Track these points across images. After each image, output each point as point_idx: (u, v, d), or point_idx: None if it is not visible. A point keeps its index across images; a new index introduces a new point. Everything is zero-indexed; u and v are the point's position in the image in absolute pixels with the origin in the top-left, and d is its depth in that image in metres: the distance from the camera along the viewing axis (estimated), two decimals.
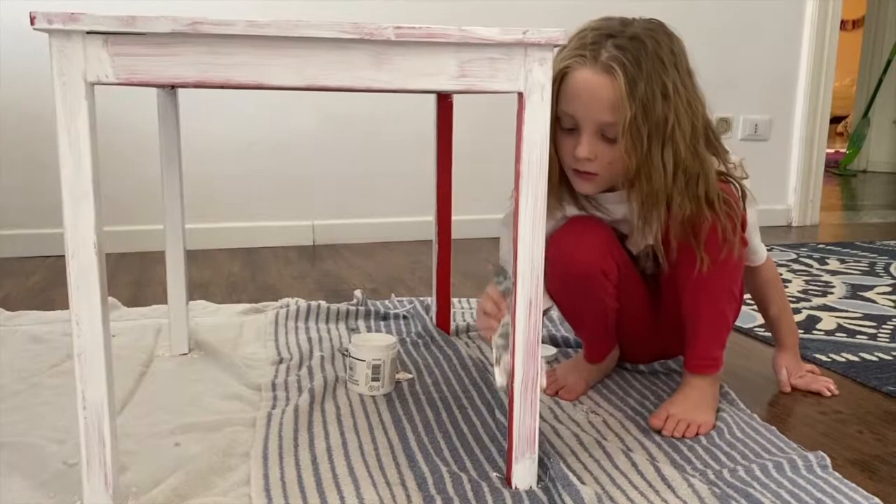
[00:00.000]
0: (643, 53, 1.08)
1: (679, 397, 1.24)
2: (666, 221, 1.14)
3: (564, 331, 1.68)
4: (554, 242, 1.21)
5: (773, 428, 1.20)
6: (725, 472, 1.06)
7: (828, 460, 1.08)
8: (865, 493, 1.00)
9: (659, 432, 1.19)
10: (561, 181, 1.20)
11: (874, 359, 1.55)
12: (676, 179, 1.10)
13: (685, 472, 1.07)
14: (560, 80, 1.11)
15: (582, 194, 1.22)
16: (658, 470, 1.05)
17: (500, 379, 1.04)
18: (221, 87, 0.92)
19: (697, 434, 1.18)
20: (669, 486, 1.02)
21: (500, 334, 1.11)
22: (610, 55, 1.08)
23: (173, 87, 1.43)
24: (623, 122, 1.07)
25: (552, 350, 1.55)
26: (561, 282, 1.24)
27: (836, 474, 1.06)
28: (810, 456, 1.09)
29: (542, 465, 1.04)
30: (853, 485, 1.02)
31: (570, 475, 1.00)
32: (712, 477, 1.05)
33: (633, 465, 1.08)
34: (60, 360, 1.46)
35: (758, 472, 1.06)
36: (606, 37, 1.10)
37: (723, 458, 1.11)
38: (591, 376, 1.37)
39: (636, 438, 1.18)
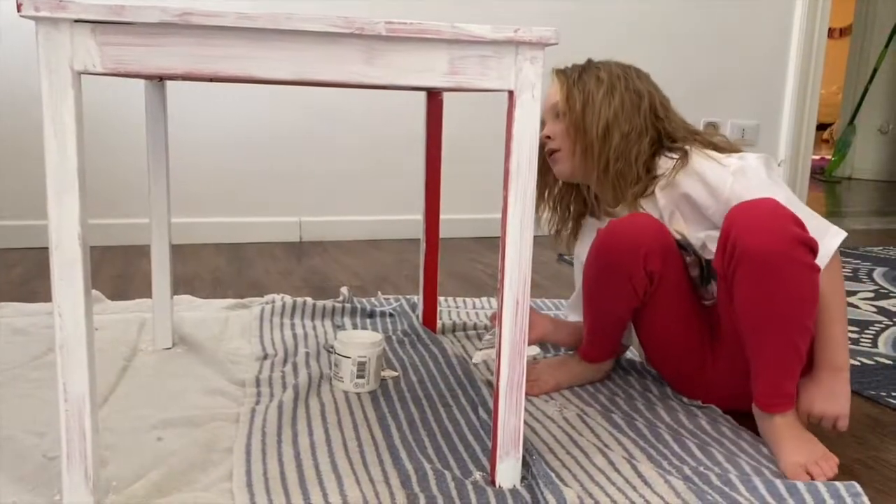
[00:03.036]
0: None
1: (786, 448, 1.10)
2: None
3: None
4: (605, 228, 1.25)
5: (749, 432, 1.20)
6: (702, 468, 1.07)
7: None
8: (842, 483, 1.01)
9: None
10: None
11: (856, 363, 1.56)
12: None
13: (661, 468, 1.07)
14: None
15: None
16: (635, 467, 1.06)
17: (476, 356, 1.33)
18: (210, 79, 0.92)
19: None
20: (647, 483, 1.03)
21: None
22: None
23: (161, 78, 1.42)
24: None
25: (535, 349, 1.55)
26: (596, 259, 1.25)
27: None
28: None
29: (524, 463, 1.04)
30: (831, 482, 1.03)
31: (552, 474, 1.00)
32: (688, 472, 1.06)
33: (610, 462, 1.08)
34: (42, 353, 1.44)
35: (733, 469, 1.07)
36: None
37: (699, 453, 1.12)
38: (565, 378, 1.37)
39: (611, 434, 1.18)
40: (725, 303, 1.18)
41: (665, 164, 1.26)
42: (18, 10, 0.77)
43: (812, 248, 1.07)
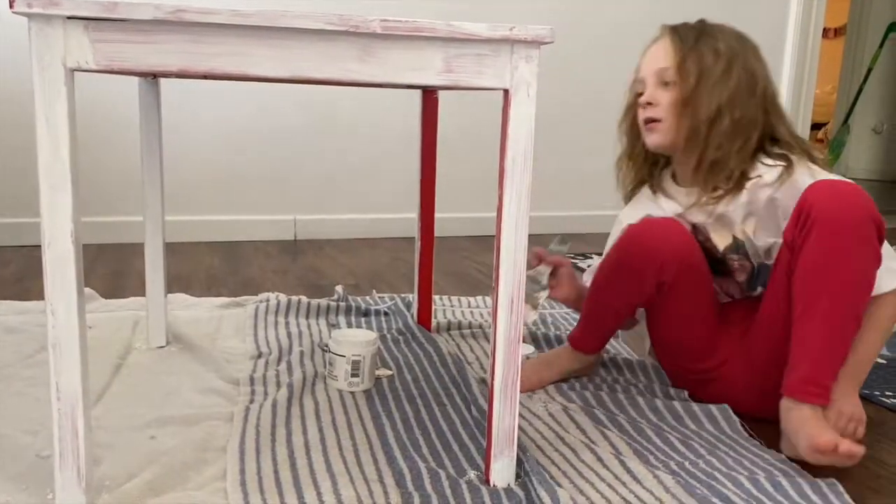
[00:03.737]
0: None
1: (812, 430, 1.06)
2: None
3: (545, 328, 1.68)
4: (631, 229, 1.24)
5: (736, 420, 1.21)
6: (687, 463, 1.08)
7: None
8: (824, 481, 1.02)
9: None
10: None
11: None
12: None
13: (649, 463, 1.08)
14: None
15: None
16: (623, 463, 1.07)
17: (529, 315, 1.28)
18: (204, 76, 0.92)
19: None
20: (636, 479, 1.03)
21: (531, 277, 1.29)
22: None
23: (155, 75, 1.41)
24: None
25: (530, 349, 1.55)
26: (615, 259, 1.25)
27: (796, 465, 1.08)
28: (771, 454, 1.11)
29: (518, 461, 1.04)
30: (811, 477, 1.04)
31: (545, 472, 1.00)
32: (675, 467, 1.07)
33: (599, 458, 1.09)
34: (35, 351, 1.44)
35: (717, 463, 1.08)
36: None
37: (682, 448, 1.13)
38: (548, 375, 1.37)
39: (598, 429, 1.18)
40: (779, 283, 1.16)
41: (763, 170, 1.21)
42: (11, 6, 0.77)
43: (880, 234, 1.09)
